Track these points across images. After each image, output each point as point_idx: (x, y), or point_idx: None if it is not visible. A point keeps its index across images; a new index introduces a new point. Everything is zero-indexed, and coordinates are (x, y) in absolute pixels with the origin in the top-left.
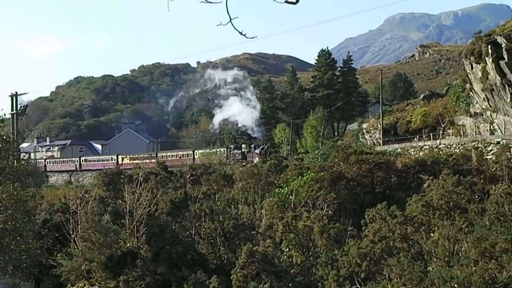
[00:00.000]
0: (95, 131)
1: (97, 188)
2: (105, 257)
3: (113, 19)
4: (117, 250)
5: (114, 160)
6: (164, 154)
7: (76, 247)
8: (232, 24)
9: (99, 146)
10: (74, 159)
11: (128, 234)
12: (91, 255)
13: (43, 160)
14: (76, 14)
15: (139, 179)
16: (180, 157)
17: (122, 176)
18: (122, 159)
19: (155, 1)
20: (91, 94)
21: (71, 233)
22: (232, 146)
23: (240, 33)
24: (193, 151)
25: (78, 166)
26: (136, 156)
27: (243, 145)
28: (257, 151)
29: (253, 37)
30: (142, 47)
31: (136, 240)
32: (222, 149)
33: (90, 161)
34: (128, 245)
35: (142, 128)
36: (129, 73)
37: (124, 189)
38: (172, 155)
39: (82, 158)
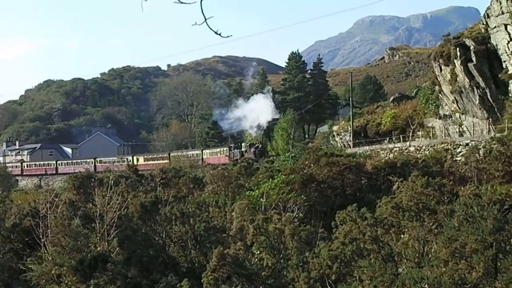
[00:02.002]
0: (65, 135)
1: (67, 192)
2: (75, 261)
3: (83, 22)
4: (88, 254)
5: (130, 160)
6: (175, 154)
7: (46, 252)
8: (207, 24)
9: (69, 150)
10: (89, 160)
11: (98, 238)
12: (61, 260)
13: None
14: (45, 16)
15: (110, 182)
16: (190, 157)
17: (93, 179)
18: (137, 159)
19: (124, 4)
20: (61, 97)
21: (41, 237)
22: (232, 146)
23: (216, 32)
24: (202, 151)
25: (94, 167)
26: (150, 156)
27: (242, 144)
28: (252, 150)
29: (228, 36)
30: (112, 50)
31: (106, 244)
32: (224, 149)
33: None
34: (98, 249)
35: (113, 131)
36: (99, 76)
37: (94, 193)
38: (184, 155)
39: (98, 159)
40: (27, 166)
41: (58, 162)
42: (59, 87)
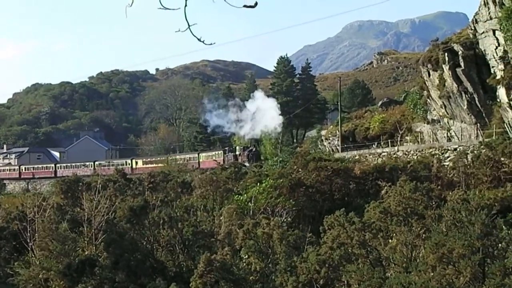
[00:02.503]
0: (53, 139)
1: (55, 196)
2: (63, 266)
3: (71, 26)
4: (75, 258)
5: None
6: (173, 157)
7: (33, 256)
8: (191, 31)
9: (57, 154)
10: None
11: (86, 242)
12: (48, 264)
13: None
14: (33, 20)
15: (98, 186)
16: (187, 160)
17: (80, 183)
18: (136, 163)
19: (112, 7)
20: (49, 101)
21: (29, 241)
22: (226, 149)
23: (199, 39)
24: (198, 154)
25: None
26: (149, 160)
27: (237, 148)
28: (245, 153)
29: (211, 44)
30: (101, 54)
31: (94, 248)
32: (219, 152)
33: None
34: (86, 253)
35: (101, 135)
36: (87, 80)
37: (82, 197)
38: (181, 158)
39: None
40: (25, 170)
41: (57, 165)
42: (47, 90)
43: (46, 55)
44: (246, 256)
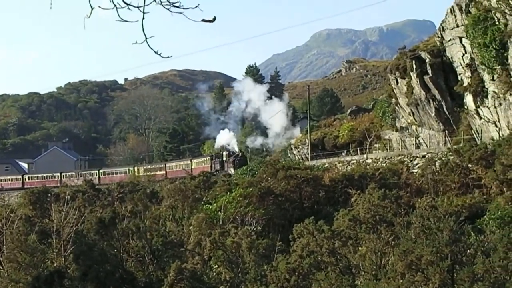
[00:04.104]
0: (21, 150)
1: (23, 207)
2: (32, 278)
3: (39, 37)
4: (44, 270)
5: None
6: (170, 164)
7: (2, 268)
8: (148, 43)
9: (25, 165)
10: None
11: (55, 254)
12: (17, 276)
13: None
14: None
15: (66, 197)
16: (182, 165)
17: (49, 194)
18: (138, 170)
19: (80, 18)
20: (16, 112)
21: None
22: (213, 155)
23: (156, 52)
24: (191, 160)
25: (98, 179)
26: (149, 167)
27: (224, 154)
28: (231, 159)
29: (168, 57)
30: (69, 64)
31: (63, 259)
32: (207, 158)
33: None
34: (55, 264)
35: (70, 146)
36: (55, 90)
37: (51, 208)
38: (177, 165)
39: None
40: (29, 179)
41: (62, 173)
42: (15, 101)
43: (13, 66)
44: (216, 266)
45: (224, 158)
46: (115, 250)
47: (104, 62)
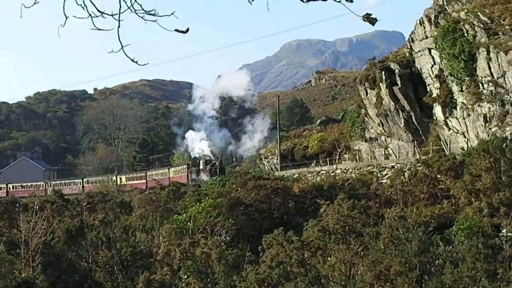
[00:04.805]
0: None
1: None
2: None
3: (7, 45)
4: (12, 281)
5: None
6: (150, 173)
7: None
8: (124, 52)
9: None
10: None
11: (23, 264)
12: None
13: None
14: None
15: (35, 207)
16: (161, 174)
17: (17, 204)
18: (121, 179)
19: (50, 27)
20: None
21: None
22: (190, 163)
23: (132, 60)
24: (169, 169)
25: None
26: (131, 176)
27: (200, 162)
28: (208, 167)
29: (145, 64)
30: (38, 74)
31: (31, 270)
32: (184, 167)
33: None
34: (23, 275)
35: (38, 155)
36: (24, 100)
37: (19, 218)
38: (157, 174)
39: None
40: (13, 188)
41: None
42: None
43: None
44: (185, 276)
45: (201, 167)
46: (84, 261)
47: (73, 71)
